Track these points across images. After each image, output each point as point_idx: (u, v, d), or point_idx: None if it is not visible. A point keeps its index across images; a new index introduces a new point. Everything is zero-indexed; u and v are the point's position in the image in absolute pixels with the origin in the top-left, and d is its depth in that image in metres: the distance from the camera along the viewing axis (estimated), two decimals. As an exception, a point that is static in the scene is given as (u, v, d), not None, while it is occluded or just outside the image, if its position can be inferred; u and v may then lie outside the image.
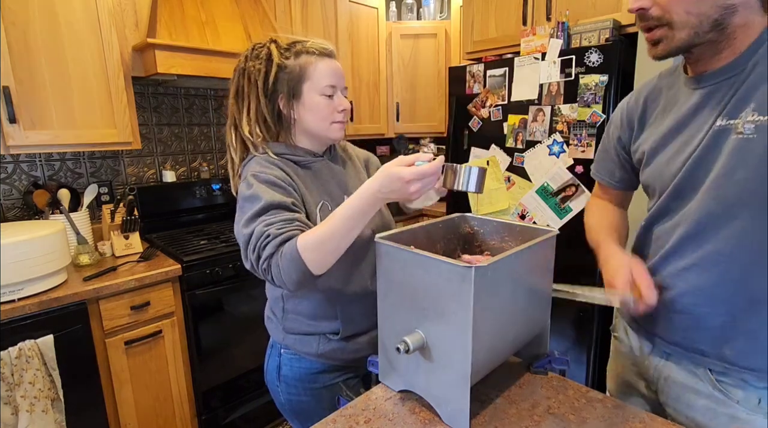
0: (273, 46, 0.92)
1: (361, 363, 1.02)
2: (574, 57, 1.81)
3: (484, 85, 2.13)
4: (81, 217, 1.76)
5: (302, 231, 0.81)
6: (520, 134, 2.03)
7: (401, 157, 0.76)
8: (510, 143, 2.07)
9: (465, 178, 0.77)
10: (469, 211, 2.25)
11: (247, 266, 0.84)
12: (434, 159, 0.76)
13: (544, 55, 1.90)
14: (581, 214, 1.88)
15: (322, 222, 0.79)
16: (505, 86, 2.05)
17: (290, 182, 0.89)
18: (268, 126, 0.94)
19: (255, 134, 0.93)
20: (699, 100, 0.78)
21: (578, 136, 1.84)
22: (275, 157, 0.92)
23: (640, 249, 0.92)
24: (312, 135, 0.96)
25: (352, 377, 1.04)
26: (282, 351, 1.01)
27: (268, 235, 0.79)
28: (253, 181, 0.86)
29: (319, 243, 0.77)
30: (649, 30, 0.75)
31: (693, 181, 0.78)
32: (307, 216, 0.90)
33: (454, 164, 0.78)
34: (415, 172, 0.73)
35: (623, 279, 0.80)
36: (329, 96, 0.92)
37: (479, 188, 0.78)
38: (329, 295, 0.95)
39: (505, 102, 2.06)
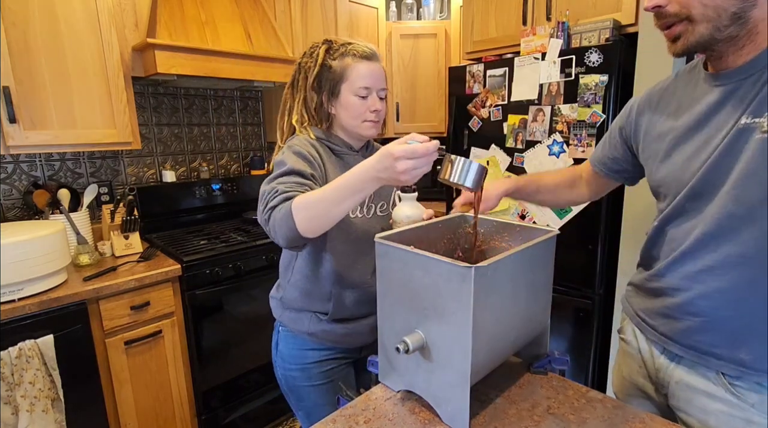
0: (323, 48, 1.03)
1: (349, 345, 1.10)
2: (574, 57, 1.81)
3: (484, 85, 2.13)
4: (81, 217, 1.76)
5: None
6: (520, 134, 2.03)
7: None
8: (510, 143, 2.07)
9: (463, 170, 0.75)
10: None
11: (258, 219, 0.91)
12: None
13: (544, 55, 1.90)
14: (581, 213, 1.88)
15: (321, 188, 0.83)
16: (505, 86, 2.05)
17: (319, 162, 0.99)
18: (312, 116, 1.06)
19: (300, 122, 1.06)
20: (719, 97, 0.75)
21: (578, 136, 1.84)
22: (313, 138, 1.03)
23: (652, 250, 0.90)
24: (346, 130, 1.06)
25: (342, 358, 1.11)
26: (280, 328, 1.12)
27: (277, 191, 0.87)
28: (286, 150, 0.98)
29: (309, 205, 0.81)
30: (668, 27, 0.73)
31: (712, 181, 0.75)
32: None
33: (454, 155, 0.76)
34: (405, 150, 0.71)
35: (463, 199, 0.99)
36: (363, 97, 1.01)
37: (476, 185, 0.76)
38: (329, 275, 1.03)
39: (505, 102, 2.06)
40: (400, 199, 1.02)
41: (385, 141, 3.19)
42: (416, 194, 1.00)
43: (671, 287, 0.83)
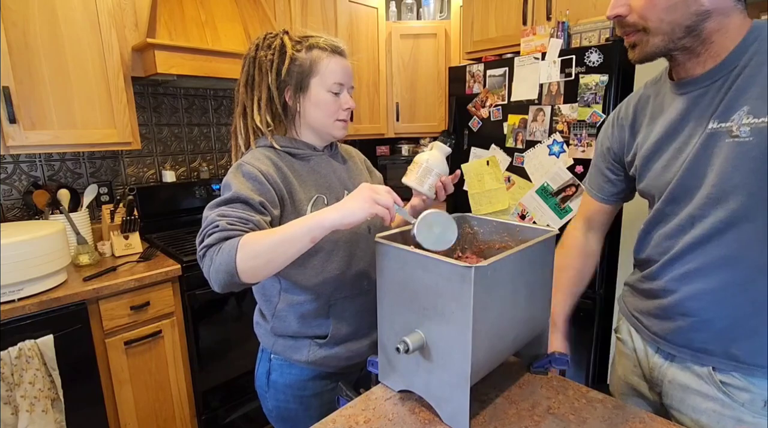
0: (286, 38, 0.93)
1: (353, 369, 1.02)
2: (574, 57, 1.81)
3: (484, 85, 2.13)
4: (81, 217, 1.76)
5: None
6: (520, 134, 2.03)
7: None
8: (510, 143, 2.07)
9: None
10: (470, 211, 2.25)
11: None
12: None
13: (544, 54, 1.90)
14: (581, 213, 1.88)
15: (270, 231, 0.76)
16: (505, 86, 2.05)
17: (275, 180, 0.88)
18: (277, 116, 0.95)
19: (265, 123, 0.93)
20: (687, 104, 0.79)
21: (578, 136, 1.84)
22: (279, 147, 0.93)
23: (640, 253, 0.92)
24: (315, 129, 0.97)
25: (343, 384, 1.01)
26: (272, 356, 1.00)
27: (217, 226, 0.77)
28: (236, 171, 0.87)
29: (257, 253, 0.74)
30: (627, 35, 0.77)
31: (687, 185, 0.78)
32: (292, 213, 0.89)
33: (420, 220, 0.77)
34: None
35: None
36: (336, 93, 0.93)
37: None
38: (324, 288, 0.94)
39: (505, 102, 2.06)
40: (431, 148, 0.94)
41: (384, 141, 3.16)
42: (450, 150, 0.93)
43: (662, 288, 0.85)
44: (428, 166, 0.92)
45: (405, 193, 0.93)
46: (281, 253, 0.74)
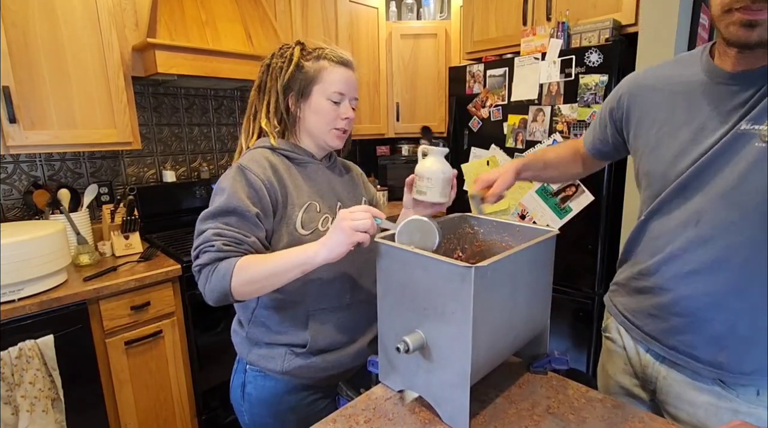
0: (297, 48, 0.96)
1: (330, 382, 0.98)
2: (574, 57, 1.81)
3: (484, 85, 2.13)
4: (81, 217, 1.76)
5: (246, 254, 0.84)
6: (520, 134, 2.03)
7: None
8: (510, 143, 2.07)
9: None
10: (469, 211, 2.25)
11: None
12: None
13: (544, 55, 1.90)
14: (581, 213, 1.88)
15: (264, 258, 0.82)
16: (505, 86, 2.05)
17: (273, 186, 0.89)
18: (282, 121, 0.98)
19: (272, 126, 0.97)
20: (723, 96, 0.74)
21: (578, 136, 1.84)
22: (279, 149, 0.95)
23: (635, 244, 0.90)
24: (312, 136, 0.98)
25: (321, 398, 0.99)
26: (247, 367, 0.98)
27: (213, 246, 0.82)
28: (237, 175, 0.88)
29: (251, 279, 0.81)
30: (758, 10, 0.64)
31: (700, 180, 0.75)
32: (283, 217, 0.90)
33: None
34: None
35: (479, 180, 0.91)
36: (336, 103, 0.95)
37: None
38: (302, 299, 0.93)
39: (505, 102, 2.06)
40: (424, 155, 0.92)
41: (384, 141, 3.16)
42: (446, 149, 0.92)
43: (658, 286, 0.84)
44: (446, 177, 0.90)
45: (399, 194, 0.92)
46: (273, 282, 0.82)
